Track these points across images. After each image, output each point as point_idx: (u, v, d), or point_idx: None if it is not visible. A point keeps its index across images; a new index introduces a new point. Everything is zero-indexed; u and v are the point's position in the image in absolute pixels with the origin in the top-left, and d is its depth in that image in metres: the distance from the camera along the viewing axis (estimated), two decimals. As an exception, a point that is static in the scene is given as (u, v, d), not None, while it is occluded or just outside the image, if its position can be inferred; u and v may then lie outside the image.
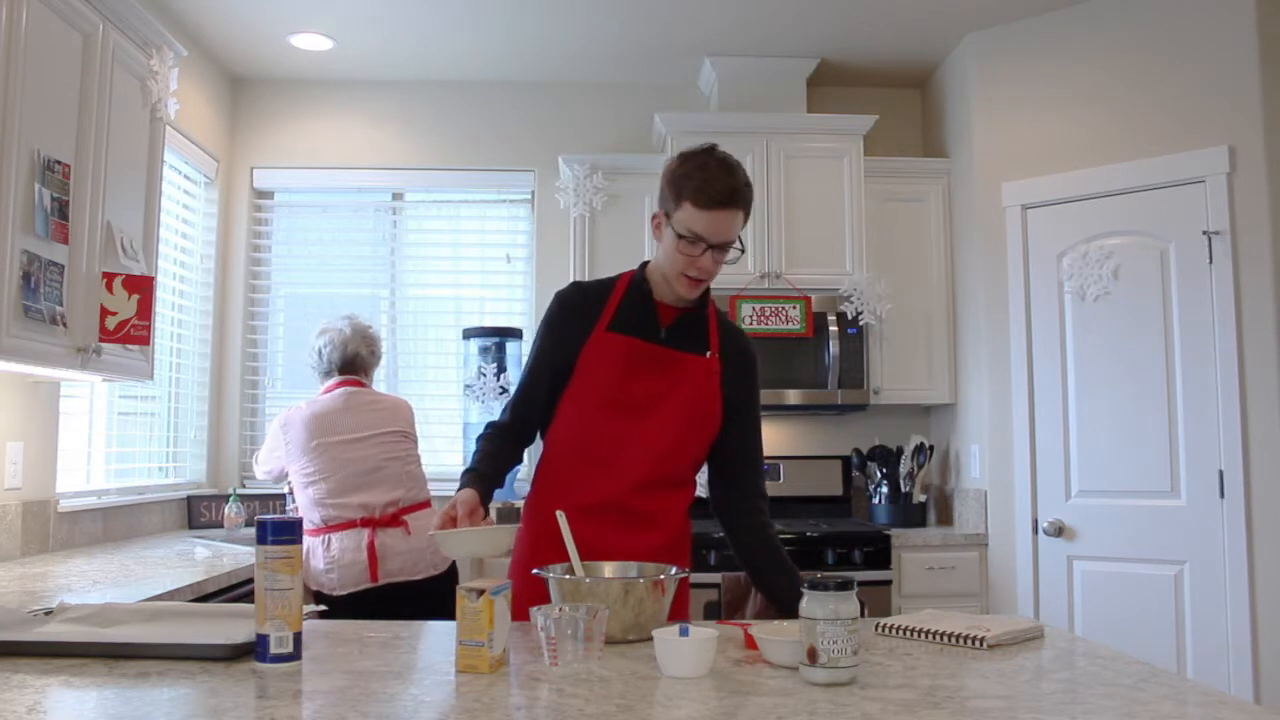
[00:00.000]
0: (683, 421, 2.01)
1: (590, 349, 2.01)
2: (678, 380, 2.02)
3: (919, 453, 4.39)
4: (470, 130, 4.78)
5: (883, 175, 4.43)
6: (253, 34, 4.23)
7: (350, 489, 3.24)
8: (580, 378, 2.02)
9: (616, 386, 1.99)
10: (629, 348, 2.00)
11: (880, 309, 4.26)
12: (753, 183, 2.01)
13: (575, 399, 2.02)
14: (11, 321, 2.36)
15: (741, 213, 1.95)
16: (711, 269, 1.97)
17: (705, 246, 1.93)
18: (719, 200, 1.91)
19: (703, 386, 2.03)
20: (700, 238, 1.92)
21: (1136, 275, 3.72)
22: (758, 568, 2.08)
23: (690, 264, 1.95)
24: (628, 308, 2.04)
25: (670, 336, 2.04)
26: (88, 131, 2.71)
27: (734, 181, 1.93)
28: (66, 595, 2.26)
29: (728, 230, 1.94)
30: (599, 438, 2.00)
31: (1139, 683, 1.40)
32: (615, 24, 4.18)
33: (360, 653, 1.58)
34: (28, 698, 1.27)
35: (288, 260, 4.77)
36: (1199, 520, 3.52)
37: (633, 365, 2.00)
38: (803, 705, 1.27)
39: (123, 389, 3.83)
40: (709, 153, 1.98)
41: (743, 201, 1.94)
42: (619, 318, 2.03)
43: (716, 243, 1.94)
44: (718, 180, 1.91)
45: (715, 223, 1.92)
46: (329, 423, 3.29)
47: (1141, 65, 3.79)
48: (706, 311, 2.09)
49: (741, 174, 1.96)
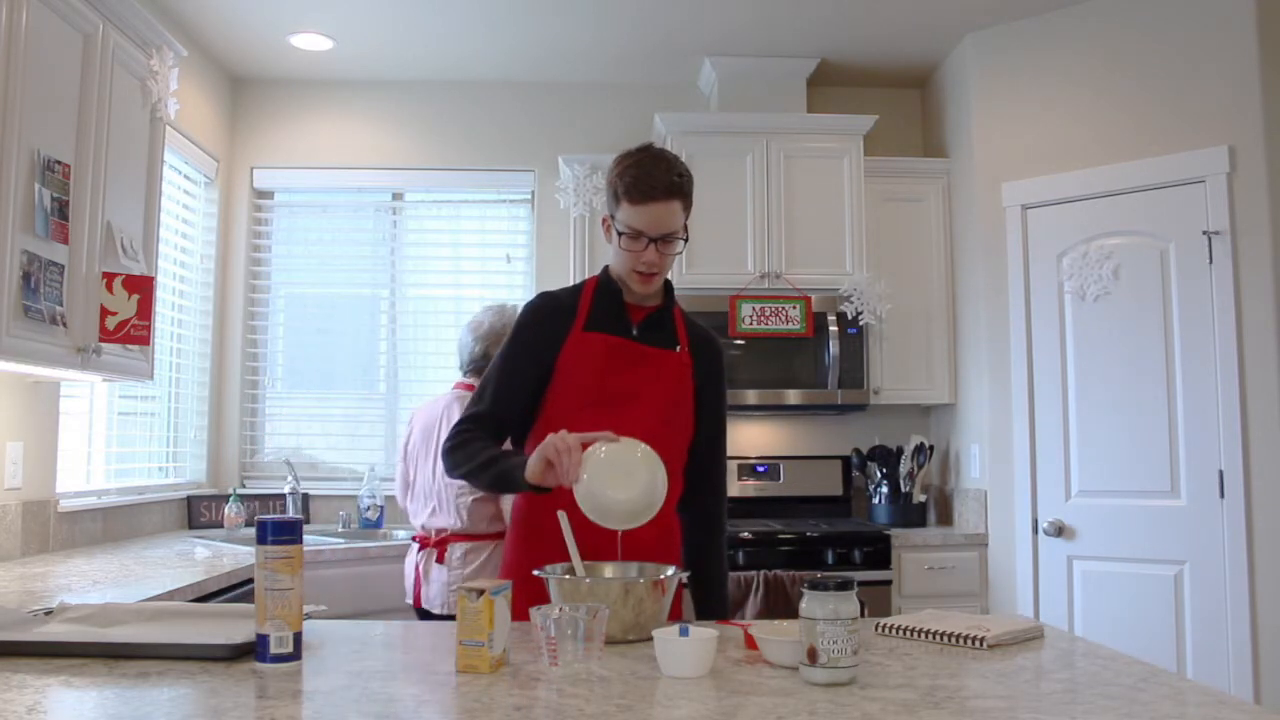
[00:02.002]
0: (661, 414, 2.05)
1: (569, 349, 2.05)
2: (653, 375, 2.07)
3: (919, 453, 4.39)
4: (470, 130, 4.78)
5: (883, 175, 4.43)
6: (253, 34, 4.23)
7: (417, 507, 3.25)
8: (561, 377, 2.05)
9: (597, 383, 2.03)
10: (607, 344, 2.05)
11: (880, 309, 4.26)
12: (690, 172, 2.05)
13: (557, 399, 2.05)
14: (11, 321, 2.36)
15: (678, 203, 2.00)
16: (658, 262, 2.01)
17: (648, 241, 1.98)
18: (652, 193, 1.96)
19: (677, 380, 2.09)
20: (641, 232, 1.98)
21: (1136, 275, 3.72)
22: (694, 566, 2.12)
23: (637, 259, 2.01)
24: (599, 308, 2.09)
25: (642, 333, 2.09)
26: (88, 131, 2.71)
27: (666, 173, 1.98)
28: (66, 595, 2.26)
29: (666, 222, 1.98)
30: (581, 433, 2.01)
31: (1139, 683, 1.40)
32: (615, 24, 4.18)
33: (360, 653, 1.58)
34: (28, 698, 1.27)
35: (288, 260, 4.77)
36: (1199, 520, 3.52)
37: (611, 361, 2.05)
38: (803, 705, 1.27)
39: (123, 389, 3.83)
40: (643, 150, 2.03)
41: (678, 192, 1.99)
42: (593, 317, 2.08)
43: (657, 235, 1.99)
44: (650, 174, 1.97)
45: (652, 216, 1.97)
46: (426, 427, 3.27)
47: (1141, 65, 3.79)
48: (673, 309, 2.15)
49: (675, 165, 2.01)
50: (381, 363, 4.75)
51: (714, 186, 4.29)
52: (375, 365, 4.76)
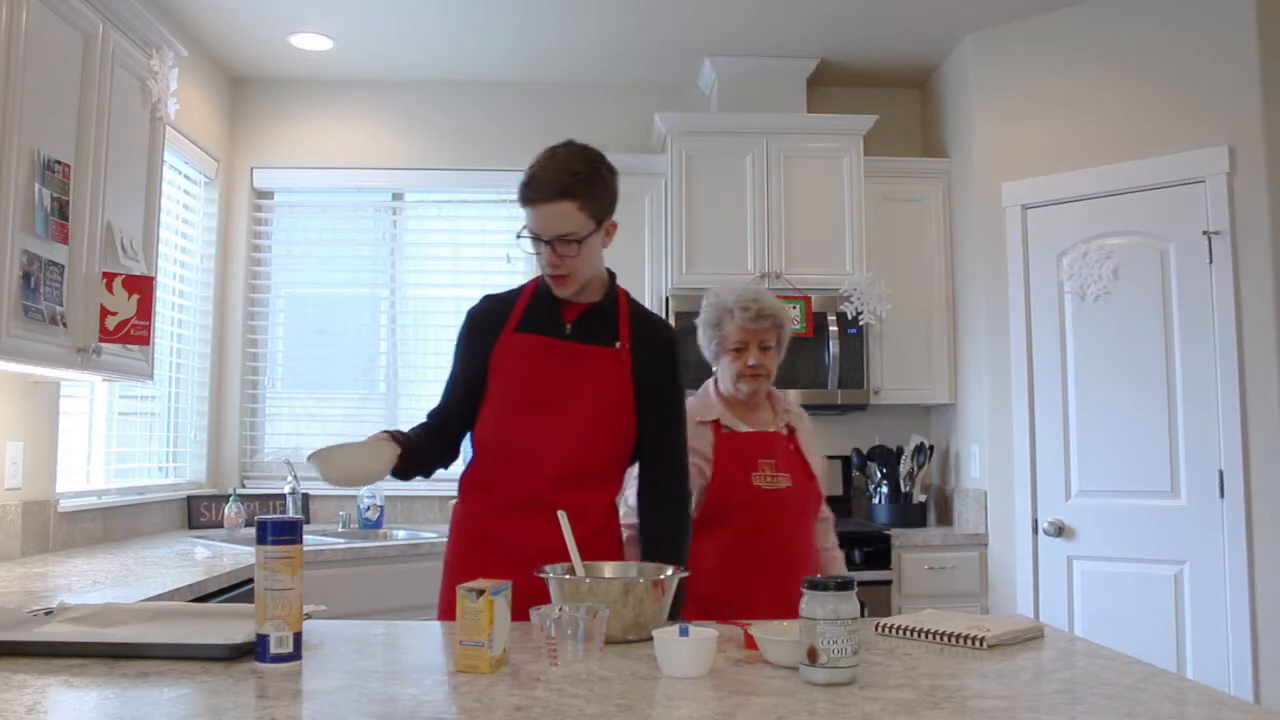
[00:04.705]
0: (594, 413, 2.04)
1: (498, 350, 2.07)
2: (585, 373, 2.05)
3: (919, 453, 4.39)
4: (470, 130, 4.78)
5: (882, 175, 4.43)
6: (253, 34, 4.23)
7: None
8: (493, 380, 2.08)
9: (525, 383, 2.04)
10: (533, 344, 2.06)
11: (880, 309, 4.26)
12: (602, 170, 2.01)
13: (491, 401, 2.08)
14: (11, 321, 2.36)
15: (571, 203, 1.95)
16: (561, 264, 1.99)
17: (545, 242, 1.97)
18: (536, 196, 1.95)
19: (612, 377, 2.06)
20: (537, 235, 1.97)
21: (1136, 275, 3.72)
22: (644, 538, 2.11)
23: (543, 261, 2.01)
24: (533, 309, 2.10)
25: (576, 331, 2.08)
26: (88, 131, 2.71)
27: (557, 173, 1.95)
28: (66, 595, 2.26)
29: (557, 223, 1.95)
30: (514, 435, 2.04)
31: (1139, 683, 1.40)
32: (615, 24, 4.18)
33: (360, 653, 1.58)
34: (28, 698, 1.27)
35: (288, 260, 4.77)
36: (1199, 520, 3.52)
37: (539, 361, 2.05)
38: (803, 705, 1.27)
39: (123, 389, 3.83)
40: (550, 149, 2.01)
41: (569, 192, 1.94)
42: (525, 319, 2.09)
43: (550, 238, 1.96)
44: (536, 176, 1.95)
45: (542, 218, 1.96)
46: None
47: (1141, 65, 3.79)
48: (615, 305, 2.12)
49: (569, 164, 1.96)
50: (381, 363, 4.75)
51: (714, 186, 4.29)
52: (375, 365, 4.76)
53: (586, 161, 1.98)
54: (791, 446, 2.51)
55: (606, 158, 2.05)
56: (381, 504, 4.27)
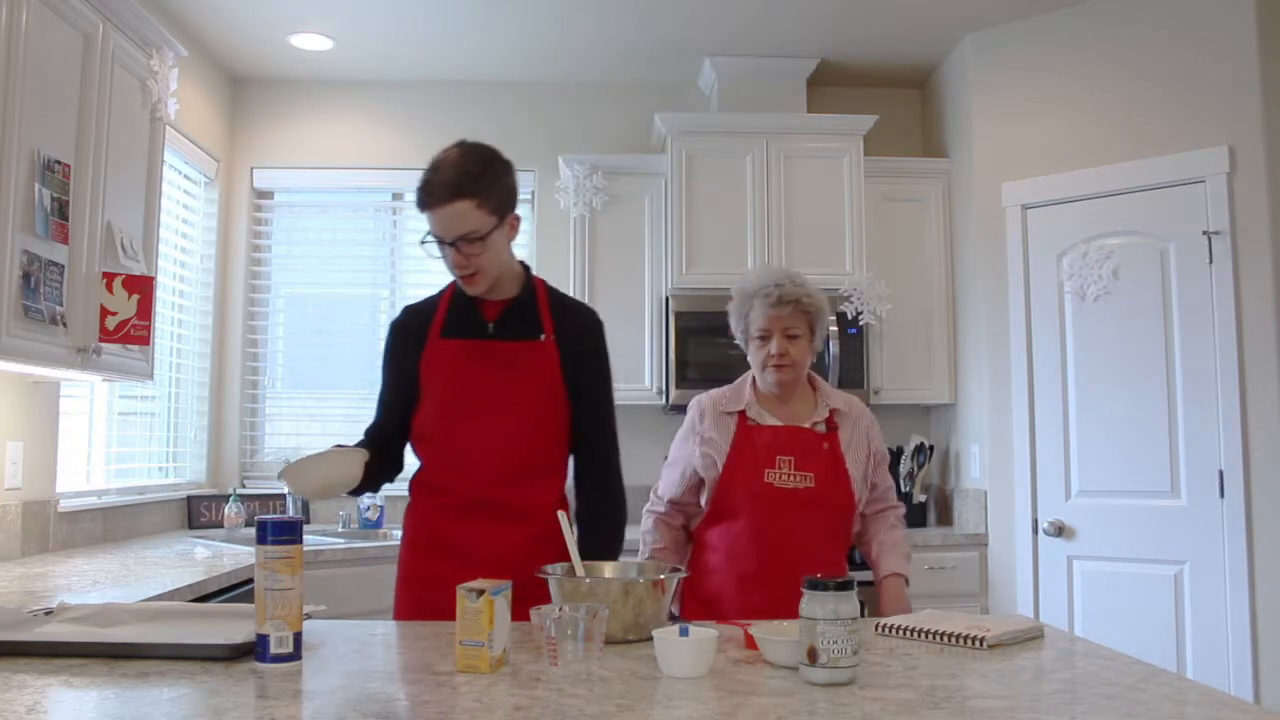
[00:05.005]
0: (526, 408, 2.06)
1: (426, 359, 2.09)
2: (512, 369, 2.07)
3: (919, 453, 4.39)
4: (470, 130, 4.66)
5: (882, 175, 4.43)
6: (253, 34, 4.23)
7: None
8: (425, 388, 2.10)
9: (456, 388, 2.06)
10: (459, 349, 2.07)
11: (880, 309, 4.26)
12: (495, 165, 2.02)
13: (426, 407, 2.10)
14: (11, 321, 2.36)
15: (466, 202, 1.95)
16: (467, 263, 2.00)
17: (448, 244, 1.98)
18: (429, 199, 1.97)
19: (539, 370, 2.08)
20: (438, 238, 1.99)
21: (1136, 275, 3.72)
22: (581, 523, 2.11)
23: (449, 264, 2.02)
24: (454, 313, 2.11)
25: (499, 329, 2.09)
26: (88, 131, 2.71)
27: (446, 175, 1.95)
28: (66, 595, 2.26)
29: (457, 223, 1.95)
30: (454, 439, 2.06)
31: (1139, 683, 1.40)
32: (615, 24, 4.18)
33: (360, 653, 1.58)
34: (28, 698, 1.27)
35: (288, 260, 4.77)
36: (1199, 520, 3.52)
37: (466, 364, 2.07)
38: (803, 705, 1.27)
39: (123, 389, 3.83)
40: (444, 150, 2.02)
41: (461, 191, 1.94)
42: (448, 325, 2.11)
43: (453, 239, 1.97)
44: (428, 180, 1.97)
45: (442, 220, 1.97)
46: None
47: (1141, 65, 3.79)
48: (534, 297, 2.13)
49: (461, 164, 1.96)
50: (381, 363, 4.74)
51: (714, 186, 4.29)
52: (375, 365, 4.72)
53: (478, 159, 1.99)
54: (826, 445, 2.30)
55: (500, 153, 2.05)
56: (381, 504, 4.27)
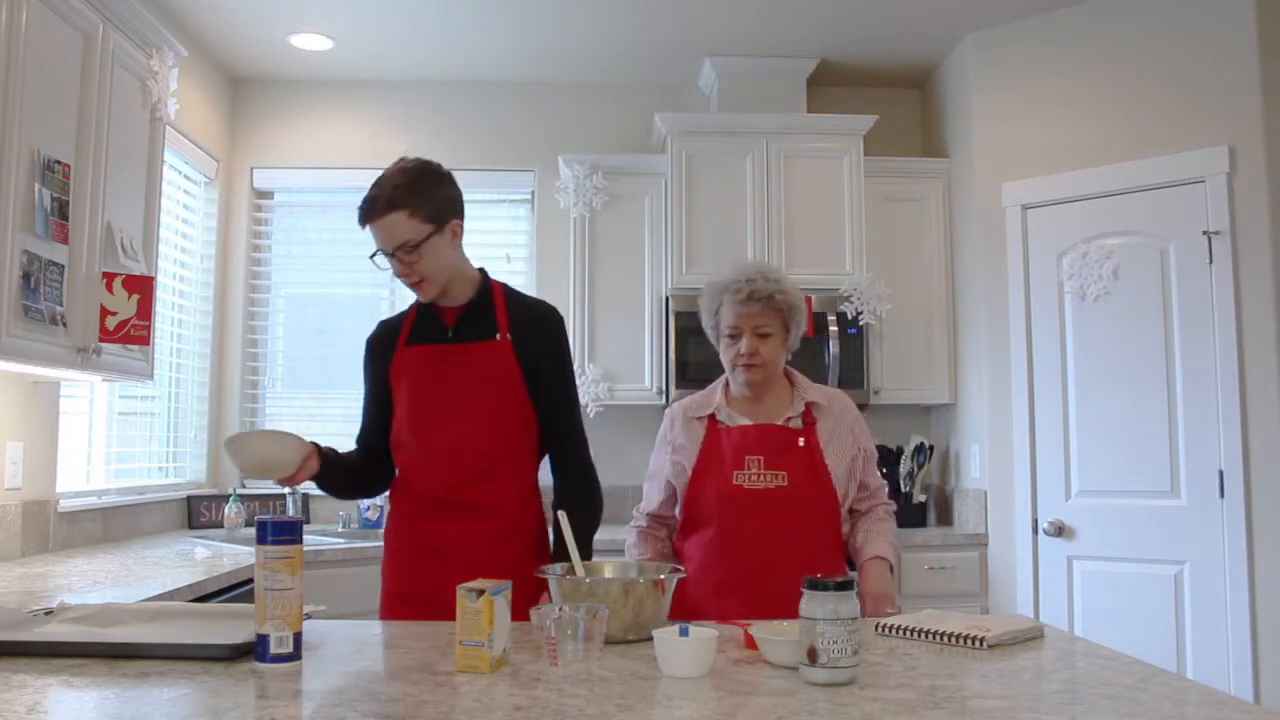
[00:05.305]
0: (488, 406, 2.12)
1: (394, 367, 2.19)
2: (473, 370, 2.14)
3: (919, 453, 4.39)
4: (470, 130, 4.78)
5: (882, 175, 4.43)
6: (253, 34, 4.23)
7: None
8: (395, 394, 2.20)
9: (422, 391, 2.15)
10: (422, 354, 2.16)
11: (880, 309, 4.26)
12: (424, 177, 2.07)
13: (398, 415, 2.19)
14: (11, 321, 2.36)
15: (399, 214, 2.03)
16: (410, 271, 2.08)
17: (390, 255, 2.06)
18: (367, 215, 2.05)
19: (498, 368, 2.14)
20: (382, 250, 2.07)
21: (1136, 275, 3.72)
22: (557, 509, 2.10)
23: (395, 274, 2.09)
24: (419, 323, 2.21)
25: (459, 333, 2.17)
26: (88, 131, 2.71)
27: (378, 191, 2.05)
28: (66, 595, 2.26)
29: (393, 234, 2.04)
30: (421, 441, 2.14)
31: (1139, 683, 1.40)
32: (615, 24, 4.18)
33: (360, 653, 1.58)
34: (28, 698, 1.27)
35: (288, 260, 4.77)
36: (1199, 520, 3.52)
37: (428, 368, 2.15)
38: (803, 705, 1.27)
39: (123, 389, 3.83)
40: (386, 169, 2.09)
41: (391, 204, 2.03)
42: (413, 333, 2.20)
43: (391, 249, 2.06)
44: (366, 198, 2.06)
45: (379, 233, 2.06)
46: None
47: (1141, 65, 3.79)
48: (491, 300, 2.19)
49: (391, 179, 2.05)
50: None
51: (714, 186, 4.29)
52: (375, 365, 4.75)
53: (412, 173, 2.07)
54: (801, 441, 2.21)
55: (436, 166, 2.12)
56: (381, 505, 4.27)
